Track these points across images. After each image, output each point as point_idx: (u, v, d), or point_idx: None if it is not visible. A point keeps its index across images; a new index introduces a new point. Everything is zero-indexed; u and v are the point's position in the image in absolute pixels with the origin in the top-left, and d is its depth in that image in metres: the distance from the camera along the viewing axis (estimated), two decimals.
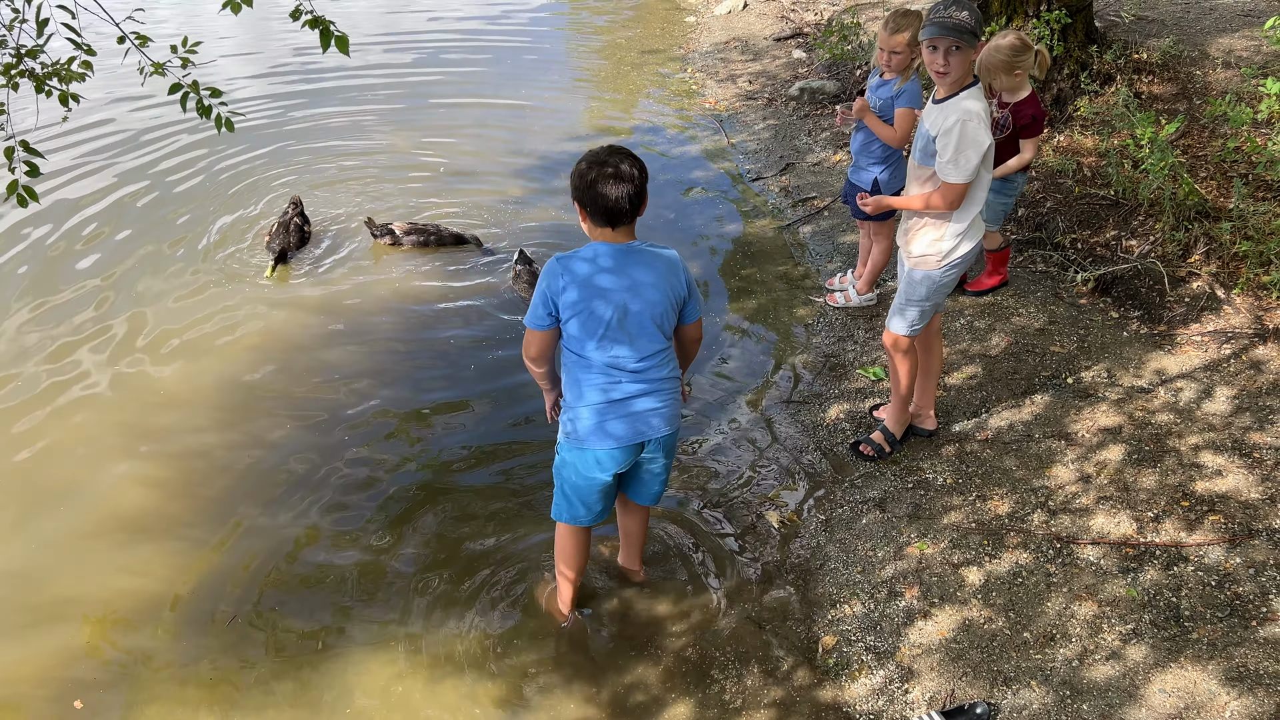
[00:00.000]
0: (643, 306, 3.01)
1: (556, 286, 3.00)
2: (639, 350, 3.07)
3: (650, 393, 3.13)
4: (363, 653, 3.49)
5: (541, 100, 8.52)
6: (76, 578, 3.82)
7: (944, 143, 3.49)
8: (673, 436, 3.26)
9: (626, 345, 3.05)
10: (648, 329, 3.05)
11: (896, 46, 4.51)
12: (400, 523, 4.04)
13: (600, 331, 3.01)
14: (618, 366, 3.07)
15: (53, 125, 6.62)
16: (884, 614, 3.52)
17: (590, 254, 3.02)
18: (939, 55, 3.44)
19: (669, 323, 3.10)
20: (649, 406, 3.13)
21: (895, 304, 3.97)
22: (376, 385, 4.87)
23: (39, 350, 5.11)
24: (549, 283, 3.01)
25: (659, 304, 3.03)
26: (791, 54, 9.10)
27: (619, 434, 3.13)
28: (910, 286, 3.87)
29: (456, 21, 10.81)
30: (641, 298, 3.01)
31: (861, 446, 4.28)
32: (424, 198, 6.71)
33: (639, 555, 3.74)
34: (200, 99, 3.62)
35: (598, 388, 3.09)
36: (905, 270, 3.89)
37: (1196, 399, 4.30)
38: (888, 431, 4.25)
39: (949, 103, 3.52)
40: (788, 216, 6.41)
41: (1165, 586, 3.43)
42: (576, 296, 2.98)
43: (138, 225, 6.36)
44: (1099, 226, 5.57)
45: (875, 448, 4.24)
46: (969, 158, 3.46)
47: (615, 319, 3.00)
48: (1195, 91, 6.53)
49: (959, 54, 3.41)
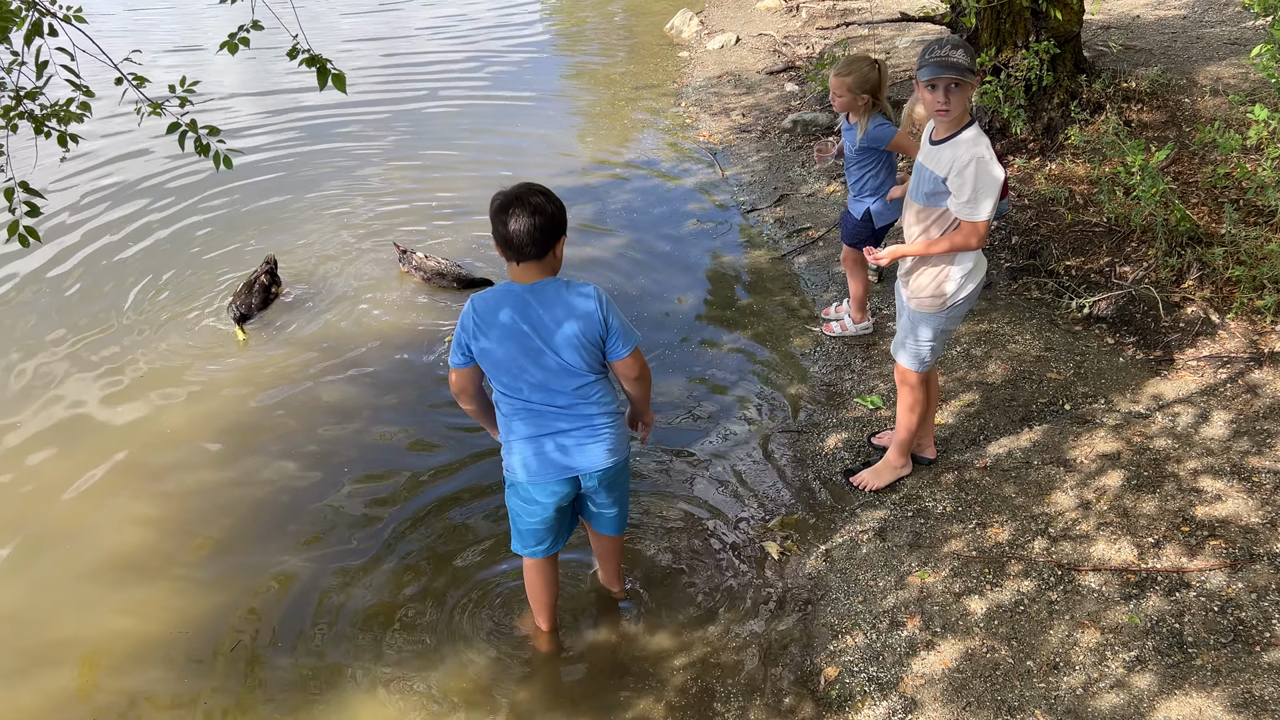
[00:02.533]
0: (550, 345, 2.96)
1: (468, 326, 2.99)
2: (558, 388, 3.04)
3: (578, 428, 3.11)
4: (362, 693, 3.46)
5: (537, 135, 8.58)
6: (72, 619, 3.80)
7: (958, 184, 3.44)
8: (611, 470, 3.20)
9: (541, 384, 3.02)
10: (566, 367, 3.00)
11: (837, 89, 4.64)
12: (399, 560, 4.02)
13: (513, 371, 3.00)
14: (540, 403, 3.06)
15: (50, 164, 6.67)
16: (886, 644, 3.49)
17: (497, 294, 2.98)
18: (939, 94, 3.42)
19: (586, 358, 3.01)
20: (576, 442, 3.12)
21: (898, 339, 3.96)
22: (373, 423, 4.87)
23: (37, 389, 5.11)
24: (461, 324, 3.01)
25: (569, 342, 2.96)
26: (784, 87, 9.19)
27: (545, 469, 3.13)
28: (913, 326, 3.84)
29: (453, 58, 10.91)
30: (547, 336, 2.95)
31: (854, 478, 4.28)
32: (417, 229, 6.74)
33: (616, 576, 3.76)
34: (199, 137, 3.65)
35: (523, 423, 3.10)
36: (907, 309, 3.84)
37: (1194, 423, 4.30)
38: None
39: (952, 142, 3.48)
40: (782, 247, 6.44)
41: (1168, 613, 3.41)
42: (485, 338, 2.97)
43: (134, 265, 6.39)
44: (1092, 253, 5.60)
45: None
46: (989, 192, 3.43)
47: (525, 359, 2.98)
48: (1184, 119, 6.59)
49: (958, 91, 3.41)
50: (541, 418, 3.08)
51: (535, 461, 3.12)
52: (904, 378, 3.98)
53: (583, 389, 3.08)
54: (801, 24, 10.84)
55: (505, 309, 2.95)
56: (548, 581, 3.50)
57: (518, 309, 2.94)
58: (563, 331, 2.95)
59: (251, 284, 5.83)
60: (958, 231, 3.55)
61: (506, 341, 2.96)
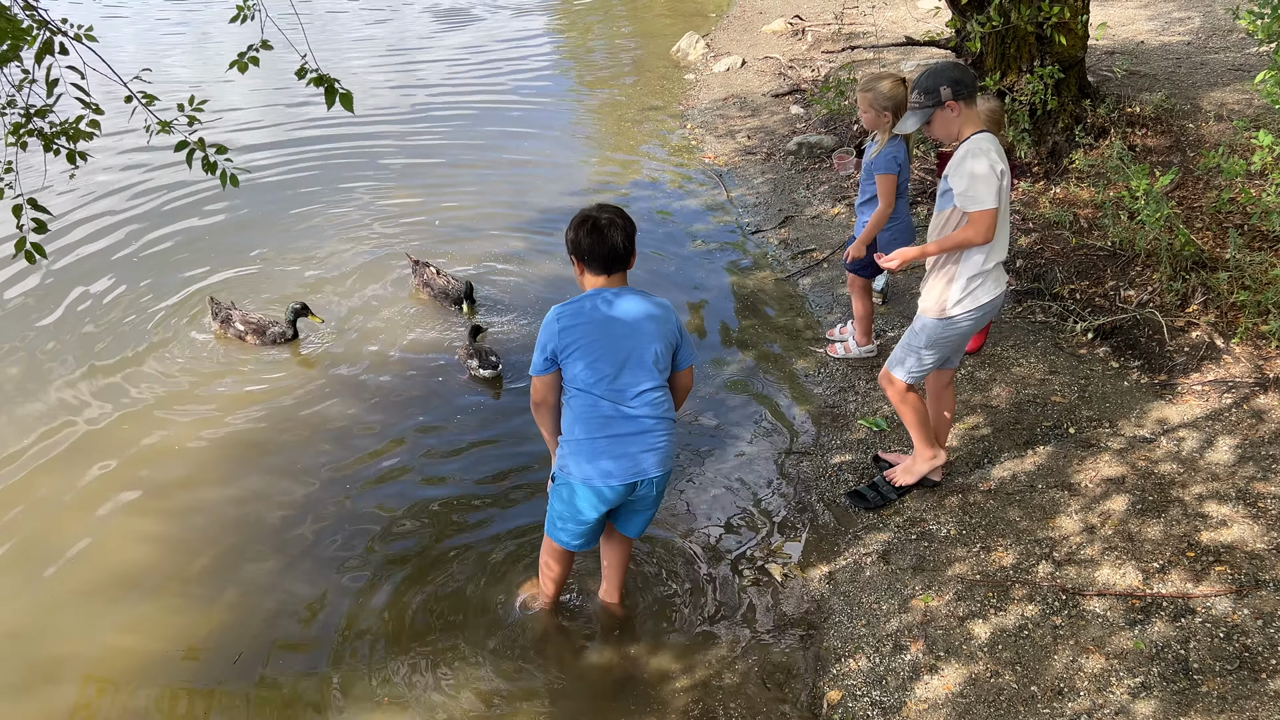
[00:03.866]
0: (641, 343, 3.19)
1: (554, 331, 3.17)
2: (637, 385, 3.21)
3: (646, 431, 3.25)
4: (365, 711, 3.44)
5: (543, 155, 8.62)
6: (75, 636, 3.78)
7: (956, 178, 3.66)
8: (665, 477, 3.35)
9: (625, 381, 3.20)
10: (646, 365, 3.20)
11: (860, 105, 4.76)
12: (400, 576, 4.01)
13: (601, 367, 3.17)
14: (615, 402, 3.20)
15: (59, 181, 6.70)
16: (889, 668, 3.47)
17: (590, 297, 3.21)
18: (927, 129, 3.77)
19: (664, 362, 3.25)
20: (644, 446, 3.25)
21: (897, 347, 4.01)
22: (378, 440, 4.87)
23: (40, 406, 5.12)
24: (547, 331, 3.19)
25: (656, 342, 3.20)
26: (789, 110, 9.23)
27: (612, 471, 3.23)
28: (912, 332, 3.92)
29: (461, 79, 10.98)
30: (639, 335, 3.18)
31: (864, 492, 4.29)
32: (423, 247, 6.76)
33: (619, 588, 3.82)
34: (206, 156, 3.67)
35: (595, 423, 3.22)
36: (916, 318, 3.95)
37: (1199, 448, 4.28)
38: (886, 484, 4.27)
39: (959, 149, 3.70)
40: (787, 268, 6.45)
41: (1173, 638, 3.39)
42: (577, 336, 3.16)
43: (143, 282, 6.41)
44: (1097, 277, 5.60)
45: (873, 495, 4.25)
46: (983, 181, 3.58)
47: (615, 355, 3.17)
48: (1189, 144, 6.61)
49: (935, 120, 3.70)
50: (611, 422, 3.22)
51: (613, 463, 3.23)
52: (889, 383, 4.03)
53: (658, 390, 3.25)
54: (807, 47, 10.90)
55: (596, 305, 3.19)
56: (568, 564, 3.70)
57: (608, 305, 3.19)
58: (647, 327, 3.20)
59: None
60: (966, 226, 3.67)
61: (595, 333, 3.17)
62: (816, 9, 12.31)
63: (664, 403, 3.28)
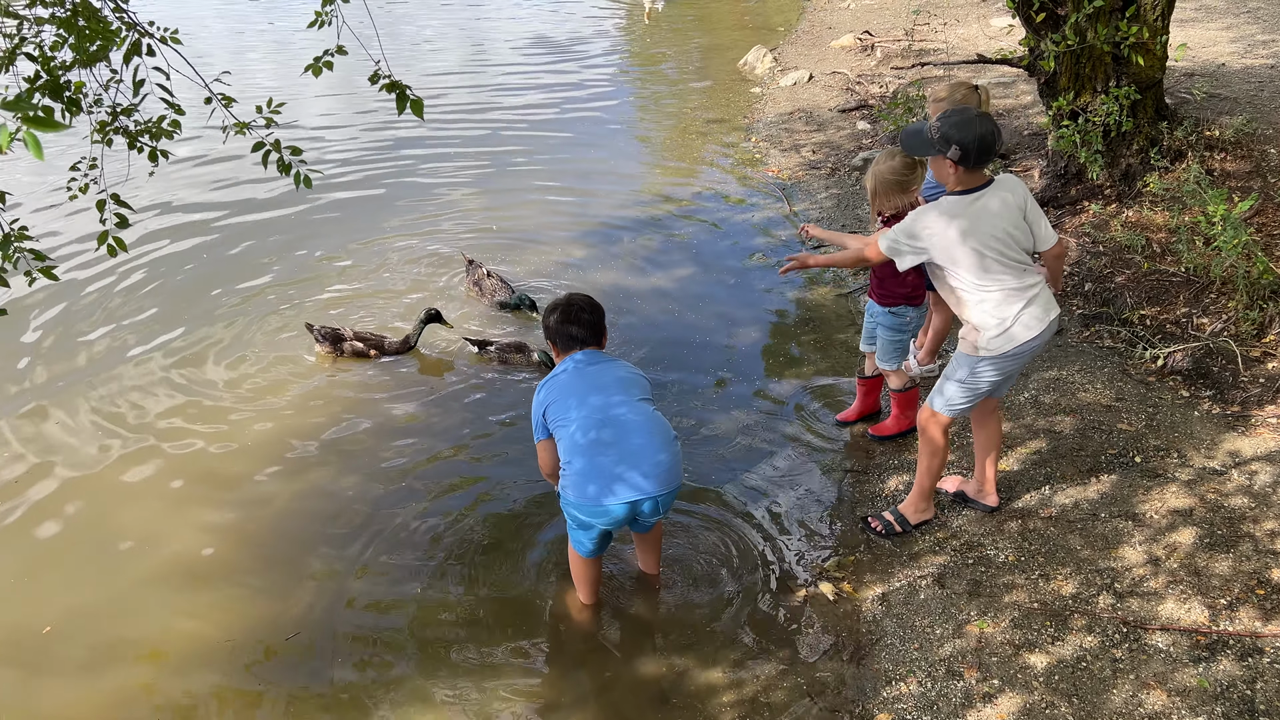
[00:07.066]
0: (620, 375, 3.57)
1: (539, 398, 3.53)
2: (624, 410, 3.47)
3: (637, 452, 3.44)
4: (417, 706, 3.48)
5: (607, 164, 8.67)
6: (137, 620, 3.90)
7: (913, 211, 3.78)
8: (672, 494, 3.55)
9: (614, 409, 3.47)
10: (633, 393, 3.53)
11: (932, 114, 4.50)
12: (458, 576, 4.06)
13: (590, 400, 3.46)
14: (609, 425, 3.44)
15: (137, 178, 6.91)
16: (942, 694, 3.41)
17: (564, 364, 3.60)
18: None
19: (646, 393, 3.60)
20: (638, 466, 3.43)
21: (937, 384, 3.94)
22: (438, 441, 4.94)
23: (110, 401, 5.29)
24: (535, 400, 3.55)
25: (635, 378, 3.59)
26: (856, 125, 9.17)
27: (612, 491, 3.43)
28: (953, 363, 3.86)
29: (531, 89, 11.11)
30: (616, 372, 3.57)
31: (871, 521, 4.21)
32: (484, 254, 6.84)
33: (656, 563, 4.03)
34: (281, 157, 3.76)
35: (593, 451, 3.43)
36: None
37: (1273, 483, 4.15)
38: (900, 516, 4.18)
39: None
40: (848, 284, 6.40)
41: (1239, 678, 3.28)
42: (557, 391, 3.50)
43: (222, 281, 6.59)
44: (1169, 303, 5.46)
45: (885, 525, 4.18)
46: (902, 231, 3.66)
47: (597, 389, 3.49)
48: (1270, 169, 6.42)
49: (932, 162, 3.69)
50: (610, 445, 3.45)
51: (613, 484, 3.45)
52: (925, 420, 3.95)
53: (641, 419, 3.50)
54: (876, 63, 10.82)
55: (567, 365, 3.57)
56: (595, 568, 3.86)
57: (580, 363, 3.57)
58: (619, 371, 3.60)
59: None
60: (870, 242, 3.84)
61: (573, 380, 3.52)
62: (886, 25, 12.22)
63: (654, 425, 3.51)
